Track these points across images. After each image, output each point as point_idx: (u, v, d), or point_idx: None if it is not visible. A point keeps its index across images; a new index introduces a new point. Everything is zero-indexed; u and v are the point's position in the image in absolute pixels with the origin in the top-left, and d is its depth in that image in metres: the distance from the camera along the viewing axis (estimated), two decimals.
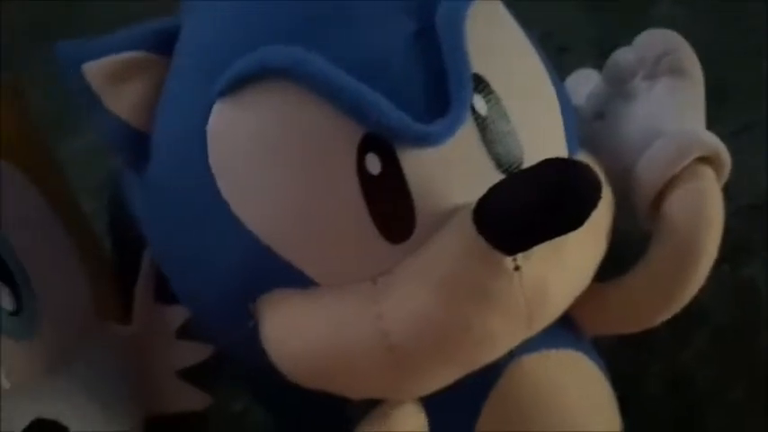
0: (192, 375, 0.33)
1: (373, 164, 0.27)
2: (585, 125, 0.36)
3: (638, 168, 0.32)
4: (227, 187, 0.28)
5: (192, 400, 0.33)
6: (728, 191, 0.32)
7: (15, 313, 0.29)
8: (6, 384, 0.27)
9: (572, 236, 0.26)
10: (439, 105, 0.27)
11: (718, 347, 0.40)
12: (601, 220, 0.29)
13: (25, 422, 0.26)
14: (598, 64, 0.37)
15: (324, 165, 0.27)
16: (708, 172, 0.32)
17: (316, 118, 0.27)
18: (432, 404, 0.30)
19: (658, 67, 0.34)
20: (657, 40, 0.34)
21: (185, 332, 0.33)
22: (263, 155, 0.27)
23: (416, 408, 0.30)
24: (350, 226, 0.27)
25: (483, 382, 0.30)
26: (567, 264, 0.28)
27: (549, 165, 0.26)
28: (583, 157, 0.32)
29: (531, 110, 0.30)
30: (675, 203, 0.31)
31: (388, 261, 0.27)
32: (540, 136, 0.30)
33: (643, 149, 0.33)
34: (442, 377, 0.29)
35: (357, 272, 0.27)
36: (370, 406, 0.30)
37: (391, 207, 0.27)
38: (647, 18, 0.44)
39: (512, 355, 0.29)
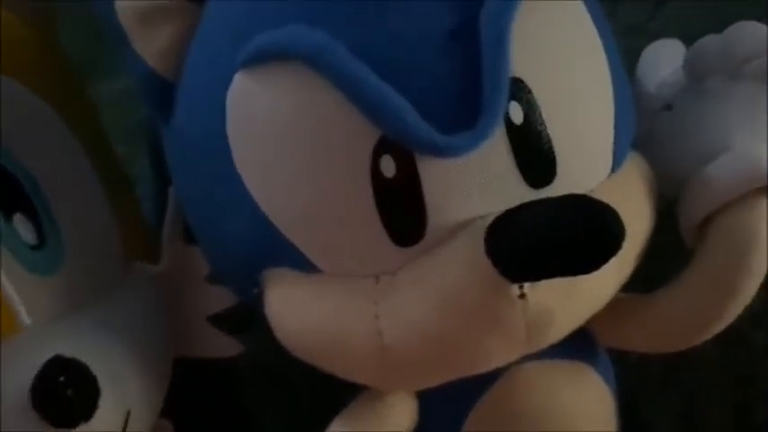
0: (223, 322, 0.33)
1: (388, 166, 0.25)
2: (650, 116, 0.33)
3: (693, 184, 0.30)
4: (241, 160, 0.27)
5: (223, 346, 0.33)
6: None
7: (37, 247, 0.29)
8: (27, 321, 0.28)
9: None
10: (469, 112, 0.25)
11: None
12: (627, 249, 0.27)
13: (45, 358, 0.26)
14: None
15: (336, 159, 0.26)
16: (763, 206, 0.29)
17: (332, 110, 0.25)
18: (425, 394, 0.30)
19: (742, 69, 0.30)
20: (749, 38, 0.30)
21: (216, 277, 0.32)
22: (276, 137, 0.26)
23: (407, 394, 0.30)
24: (357, 223, 0.26)
25: (480, 382, 0.30)
26: (578, 294, 0.27)
27: (575, 202, 0.24)
28: (635, 159, 0.30)
29: (575, 118, 0.27)
30: (721, 235, 0.29)
31: (394, 262, 0.26)
32: (581, 148, 0.27)
33: (706, 160, 0.30)
34: (431, 380, 0.28)
35: (360, 268, 0.27)
36: None
37: (403, 211, 0.26)
38: None
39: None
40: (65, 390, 0.26)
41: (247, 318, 0.34)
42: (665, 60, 0.35)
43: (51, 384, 0.26)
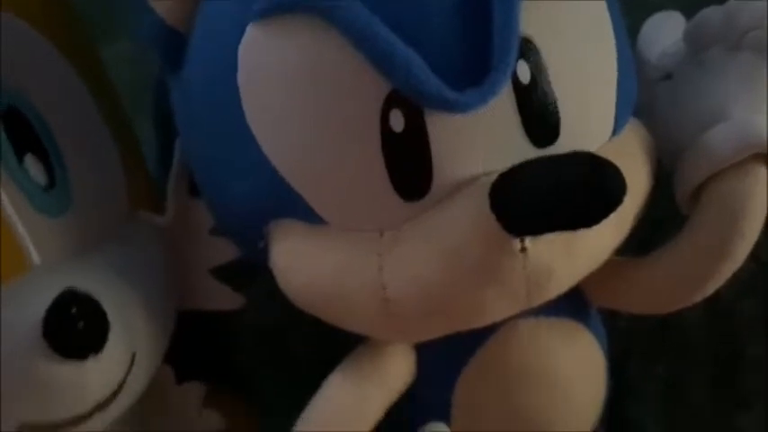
0: (225, 275, 0.34)
1: (397, 121, 0.26)
2: (650, 86, 0.34)
3: (691, 150, 0.31)
4: (251, 112, 0.27)
5: (224, 299, 0.34)
6: None
7: (47, 189, 0.29)
8: (37, 259, 0.28)
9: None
10: (478, 70, 0.26)
11: (763, 281, 0.39)
12: (626, 208, 0.28)
13: (56, 292, 0.26)
14: None
15: (346, 112, 0.26)
16: (759, 171, 0.30)
17: (345, 64, 0.26)
18: (423, 346, 0.31)
19: (743, 41, 0.31)
20: (749, 11, 0.31)
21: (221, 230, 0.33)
22: (287, 89, 0.27)
23: (405, 347, 0.31)
24: (364, 176, 0.27)
25: (476, 337, 0.30)
26: (577, 250, 0.27)
27: (578, 159, 0.25)
28: (635, 125, 0.31)
29: (580, 79, 0.28)
30: (716, 200, 0.30)
31: (399, 216, 0.27)
32: (584, 109, 0.28)
33: (703, 128, 0.31)
34: (430, 333, 0.29)
35: (366, 221, 0.27)
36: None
37: (409, 166, 0.26)
38: None
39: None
40: (76, 321, 0.26)
41: (249, 273, 0.34)
42: (665, 32, 0.35)
43: (63, 316, 0.26)
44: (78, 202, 0.30)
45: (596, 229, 0.26)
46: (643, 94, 0.32)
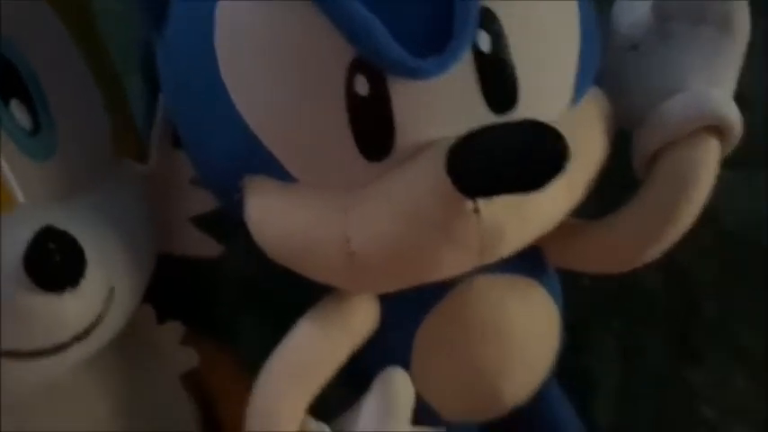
0: (205, 224, 0.35)
1: (362, 85, 0.27)
2: (617, 54, 0.35)
3: (649, 119, 0.32)
4: (226, 72, 0.29)
5: (203, 246, 0.35)
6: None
7: (32, 134, 0.30)
8: (21, 199, 0.29)
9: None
10: (439, 38, 0.27)
11: (722, 246, 0.41)
12: (578, 174, 0.29)
13: (35, 228, 0.28)
14: None
15: (314, 75, 0.28)
16: (711, 142, 0.31)
17: (311, 28, 0.27)
18: (387, 297, 0.32)
19: (706, 14, 0.32)
20: None
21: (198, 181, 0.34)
22: (258, 50, 0.28)
23: (370, 297, 0.32)
24: (331, 137, 0.28)
25: (436, 291, 0.32)
26: (528, 213, 0.29)
27: (526, 126, 0.27)
28: (596, 95, 0.32)
29: (539, 49, 0.29)
30: (668, 166, 0.31)
31: (363, 176, 0.29)
32: (543, 78, 0.29)
33: (662, 98, 0.32)
34: (392, 285, 0.31)
35: (332, 179, 0.29)
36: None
37: (373, 128, 0.28)
38: None
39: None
40: (54, 256, 0.28)
41: (228, 224, 0.36)
42: (639, 3, 0.36)
43: (42, 250, 0.28)
44: (63, 148, 0.31)
45: (547, 193, 0.27)
46: (611, 62, 0.34)
